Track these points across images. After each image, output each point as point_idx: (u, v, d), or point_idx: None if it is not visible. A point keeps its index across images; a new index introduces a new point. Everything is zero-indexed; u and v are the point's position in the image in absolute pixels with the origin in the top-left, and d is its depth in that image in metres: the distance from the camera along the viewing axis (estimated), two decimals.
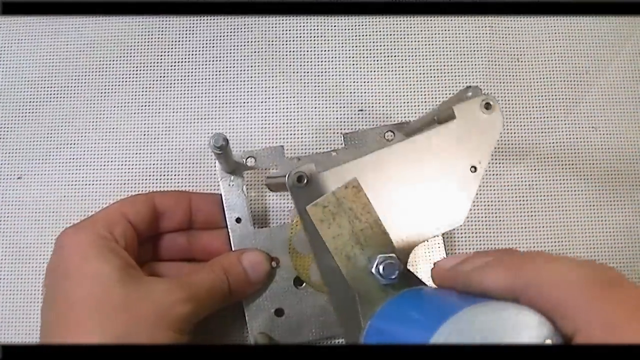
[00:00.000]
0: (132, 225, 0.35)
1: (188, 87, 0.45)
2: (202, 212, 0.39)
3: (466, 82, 0.45)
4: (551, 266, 0.21)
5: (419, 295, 0.27)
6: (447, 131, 0.31)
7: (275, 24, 0.46)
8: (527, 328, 0.20)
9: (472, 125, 0.31)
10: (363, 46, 0.46)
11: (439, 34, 0.46)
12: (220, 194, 0.39)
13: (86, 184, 0.43)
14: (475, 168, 0.30)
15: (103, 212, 0.35)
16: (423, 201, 0.30)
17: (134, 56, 0.45)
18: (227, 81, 0.45)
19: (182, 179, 0.43)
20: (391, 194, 0.30)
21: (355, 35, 0.46)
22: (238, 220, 0.38)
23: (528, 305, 0.21)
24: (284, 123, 0.44)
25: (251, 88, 0.45)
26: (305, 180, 0.29)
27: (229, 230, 0.38)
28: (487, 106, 0.31)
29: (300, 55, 0.46)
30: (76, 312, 0.30)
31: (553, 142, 0.45)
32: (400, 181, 0.30)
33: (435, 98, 0.45)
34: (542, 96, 0.45)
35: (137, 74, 0.45)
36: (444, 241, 0.41)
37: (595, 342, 0.18)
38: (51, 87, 0.45)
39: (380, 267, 0.27)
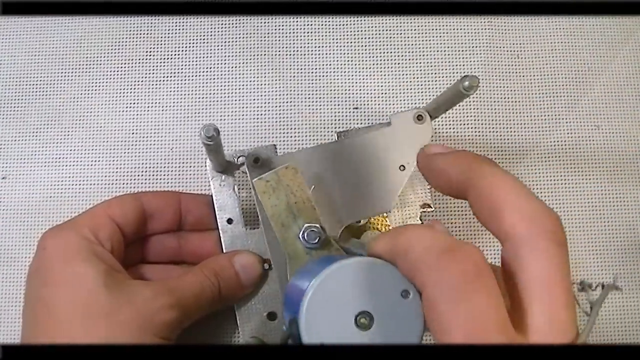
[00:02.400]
0: (119, 226, 0.34)
1: (178, 84, 0.44)
2: (192, 213, 0.38)
3: None
4: (412, 235, 0.25)
5: (329, 258, 0.32)
6: (383, 135, 0.37)
7: (268, 20, 0.45)
8: (389, 278, 0.25)
9: (405, 132, 0.37)
10: (358, 43, 0.45)
11: (436, 30, 0.45)
12: (211, 195, 0.38)
13: (72, 184, 0.42)
14: (404, 167, 0.36)
15: (88, 213, 0.34)
16: (358, 189, 0.37)
17: (121, 52, 0.44)
18: (218, 79, 0.44)
19: (171, 179, 0.42)
20: (331, 180, 0.36)
21: (351, 33, 0.45)
22: (229, 221, 0.38)
23: (400, 267, 0.25)
24: (277, 121, 0.43)
25: (243, 86, 0.44)
26: (260, 162, 0.36)
27: (220, 231, 0.37)
28: (419, 117, 0.37)
29: (294, 52, 0.45)
30: (58, 316, 0.30)
31: (554, 141, 0.44)
32: (341, 171, 0.37)
33: (432, 96, 0.44)
34: (543, 94, 0.45)
35: (125, 71, 0.44)
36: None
37: (437, 301, 0.22)
38: (36, 85, 0.44)
39: (305, 234, 0.33)
